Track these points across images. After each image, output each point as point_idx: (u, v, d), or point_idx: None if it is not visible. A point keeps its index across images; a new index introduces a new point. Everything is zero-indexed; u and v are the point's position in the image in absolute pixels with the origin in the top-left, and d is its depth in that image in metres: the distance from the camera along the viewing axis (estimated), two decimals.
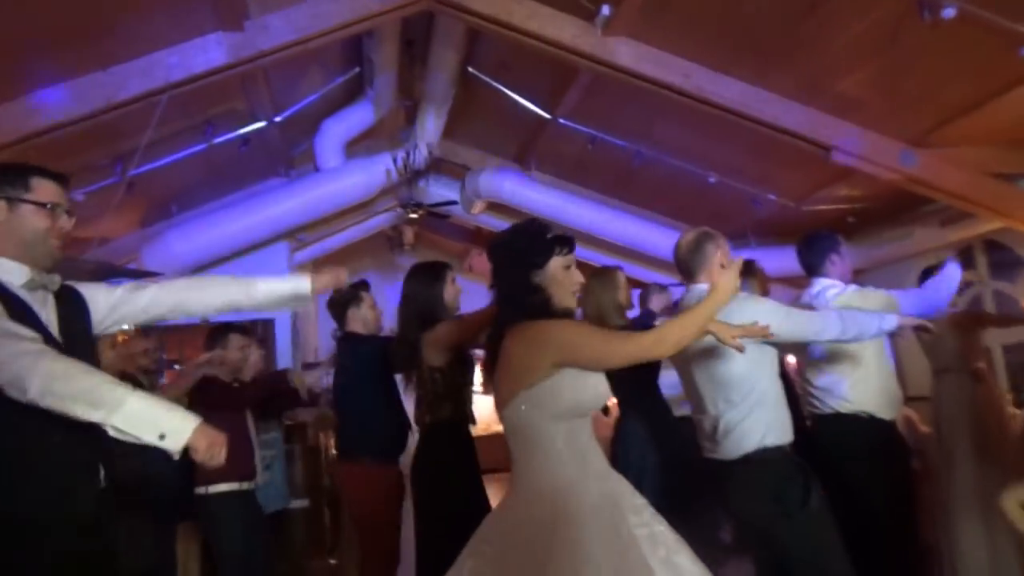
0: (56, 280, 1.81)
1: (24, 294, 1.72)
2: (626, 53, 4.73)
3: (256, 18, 4.42)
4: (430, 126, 6.70)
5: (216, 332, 3.70)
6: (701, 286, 2.43)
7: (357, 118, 6.58)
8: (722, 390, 2.36)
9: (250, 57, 4.45)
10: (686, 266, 2.51)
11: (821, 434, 2.95)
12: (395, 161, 6.59)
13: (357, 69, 6.07)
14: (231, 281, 2.09)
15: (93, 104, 4.27)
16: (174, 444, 1.60)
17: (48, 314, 1.77)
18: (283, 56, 4.59)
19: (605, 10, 4.51)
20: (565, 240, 2.03)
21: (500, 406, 1.93)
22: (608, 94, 5.58)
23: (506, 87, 6.05)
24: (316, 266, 7.59)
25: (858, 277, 4.18)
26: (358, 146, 6.97)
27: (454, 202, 7.29)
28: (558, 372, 1.85)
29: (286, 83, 5.68)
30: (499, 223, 7.41)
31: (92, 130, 4.54)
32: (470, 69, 6.04)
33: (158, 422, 1.59)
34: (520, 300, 1.97)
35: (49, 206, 1.80)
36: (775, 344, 2.37)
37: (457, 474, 2.78)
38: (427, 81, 6.19)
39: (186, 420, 1.64)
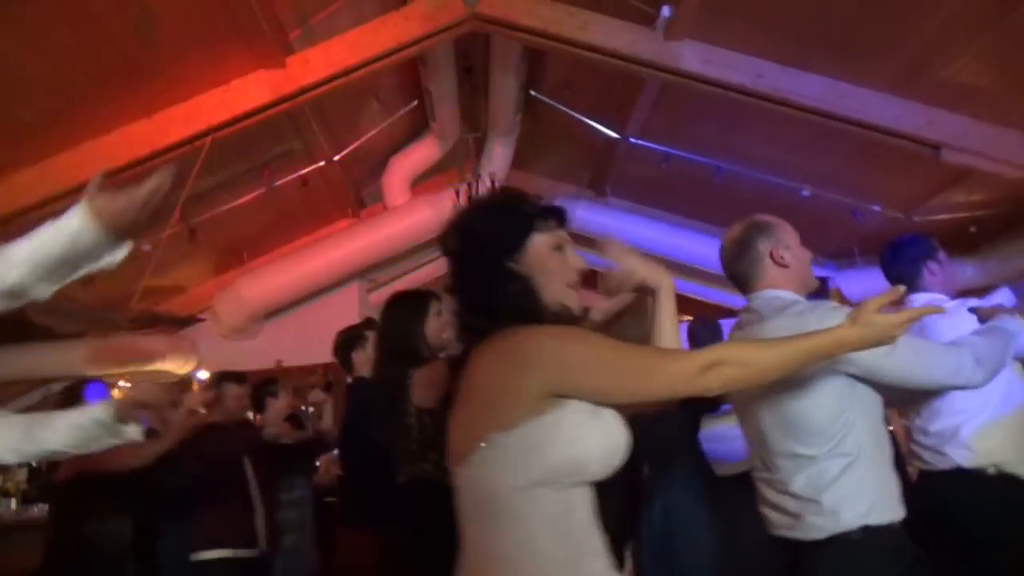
0: None
1: None
2: (690, 56, 4.29)
3: (297, 53, 4.31)
4: (498, 156, 6.43)
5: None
6: (768, 294, 1.88)
7: (423, 153, 6.42)
8: (800, 438, 1.73)
9: (293, 93, 4.32)
10: (735, 274, 1.94)
11: (932, 497, 2.22)
12: (458, 195, 6.34)
13: (415, 102, 5.89)
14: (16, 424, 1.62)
15: (140, 151, 4.24)
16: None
17: None
18: (328, 91, 4.43)
19: (665, 11, 4.12)
20: (549, 210, 1.44)
21: (456, 460, 1.28)
22: (678, 106, 5.15)
23: (571, 109, 5.72)
24: None
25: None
26: (427, 181, 6.81)
27: None
28: (551, 408, 1.21)
29: (344, 121, 5.58)
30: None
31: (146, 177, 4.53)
32: (532, 93, 5.75)
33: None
34: (492, 299, 1.35)
35: None
36: (876, 386, 1.76)
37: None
38: (490, 109, 5.95)
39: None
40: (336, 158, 5.69)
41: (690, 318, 3.99)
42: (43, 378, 5.84)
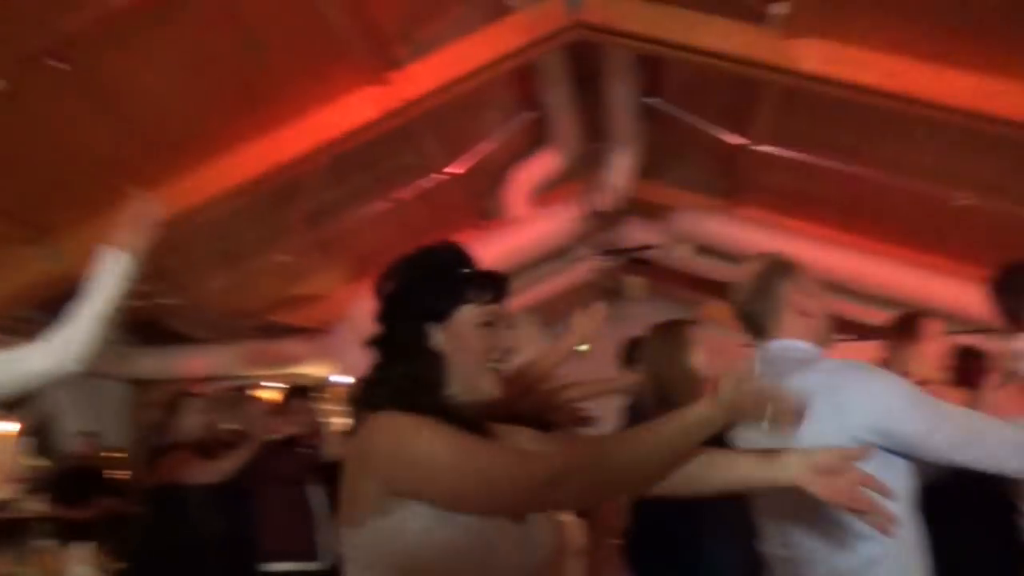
0: None
1: None
2: (812, 56, 3.90)
3: (403, 68, 4.39)
4: (620, 166, 6.23)
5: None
6: (784, 344, 1.63)
7: (544, 164, 6.34)
8: (812, 524, 1.45)
9: (398, 109, 4.41)
10: (750, 315, 1.69)
11: None
12: (574, 206, 6.22)
13: (533, 113, 5.84)
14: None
15: (260, 167, 4.50)
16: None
17: None
18: (433, 105, 4.49)
19: (780, 8, 3.78)
20: (489, 279, 1.27)
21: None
22: (808, 108, 4.71)
23: (692, 114, 5.42)
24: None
25: None
26: (553, 191, 6.73)
27: (652, 246, 6.68)
28: (396, 508, 1.07)
29: (460, 134, 5.64)
30: (714, 267, 6.68)
31: (270, 193, 4.81)
32: (650, 100, 5.51)
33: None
34: (394, 370, 1.21)
35: None
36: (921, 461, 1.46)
37: None
38: (610, 119, 5.77)
39: None
40: (454, 170, 5.75)
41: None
42: (194, 378, 6.40)
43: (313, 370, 7.26)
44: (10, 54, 3.14)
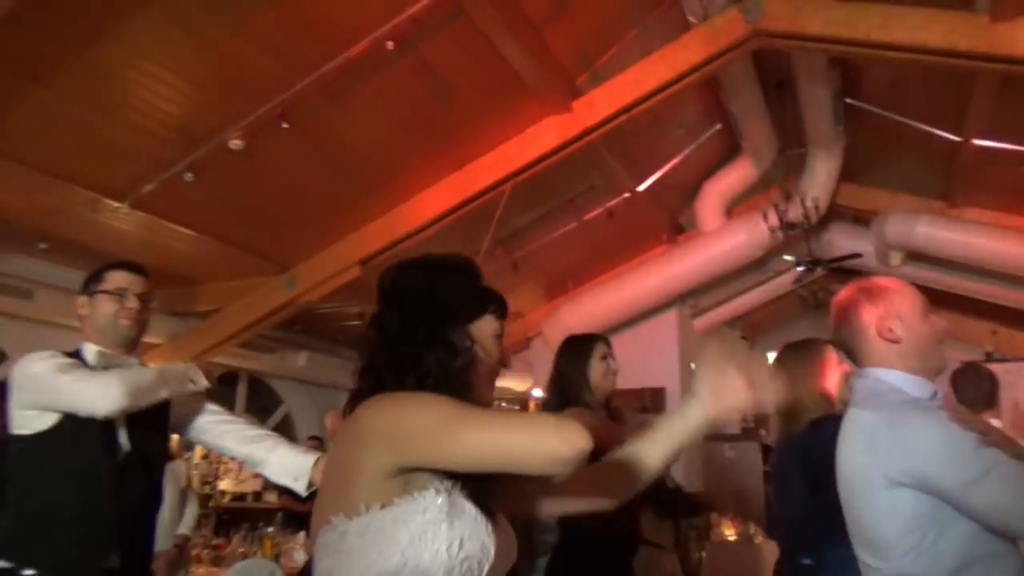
0: (133, 362, 2.01)
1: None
2: None
3: (583, 96, 4.56)
4: (821, 171, 5.92)
5: None
6: (872, 374, 1.54)
7: (737, 174, 6.21)
8: (867, 545, 1.47)
9: (578, 135, 4.58)
10: (841, 345, 1.63)
11: None
12: (768, 216, 5.98)
13: (719, 126, 5.75)
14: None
15: (457, 198, 4.89)
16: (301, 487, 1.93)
17: None
18: (613, 128, 4.61)
19: None
20: (500, 299, 1.31)
21: (312, 543, 1.12)
22: None
23: (897, 113, 5.04)
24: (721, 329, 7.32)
25: None
26: (747, 201, 6.56)
27: (858, 255, 6.23)
28: (400, 497, 1.03)
29: (645, 152, 5.69)
30: (928, 275, 6.11)
31: (466, 221, 5.19)
32: (848, 100, 5.20)
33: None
34: (422, 364, 1.16)
35: (117, 291, 1.97)
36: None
37: None
38: (805, 122, 5.52)
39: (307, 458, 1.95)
40: (640, 188, 5.82)
41: None
42: None
43: (514, 385, 7.62)
44: (246, 120, 3.76)
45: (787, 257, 6.81)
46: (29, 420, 1.83)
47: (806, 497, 2.09)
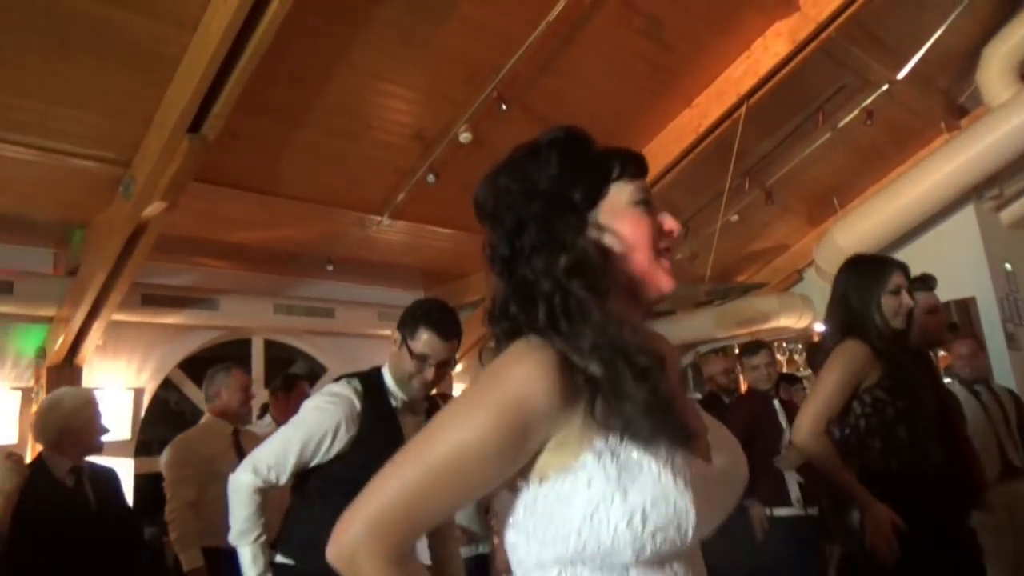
0: (420, 408, 2.09)
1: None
2: None
3: None
4: None
5: None
6: None
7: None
8: None
9: (812, 34, 4.10)
10: None
11: None
12: None
13: None
14: None
15: (686, 140, 4.65)
16: None
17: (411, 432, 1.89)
18: (849, 16, 4.05)
19: None
20: (627, 155, 0.94)
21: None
22: None
23: None
24: None
25: None
26: None
27: None
28: (574, 460, 0.82)
29: (899, 34, 4.93)
30: None
31: (707, 157, 4.90)
32: None
33: None
34: (545, 278, 0.87)
35: (419, 356, 1.97)
36: None
37: None
38: None
39: None
40: (899, 76, 5.06)
41: None
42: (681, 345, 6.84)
43: (791, 322, 7.11)
44: (468, 111, 3.89)
45: None
46: None
47: None
